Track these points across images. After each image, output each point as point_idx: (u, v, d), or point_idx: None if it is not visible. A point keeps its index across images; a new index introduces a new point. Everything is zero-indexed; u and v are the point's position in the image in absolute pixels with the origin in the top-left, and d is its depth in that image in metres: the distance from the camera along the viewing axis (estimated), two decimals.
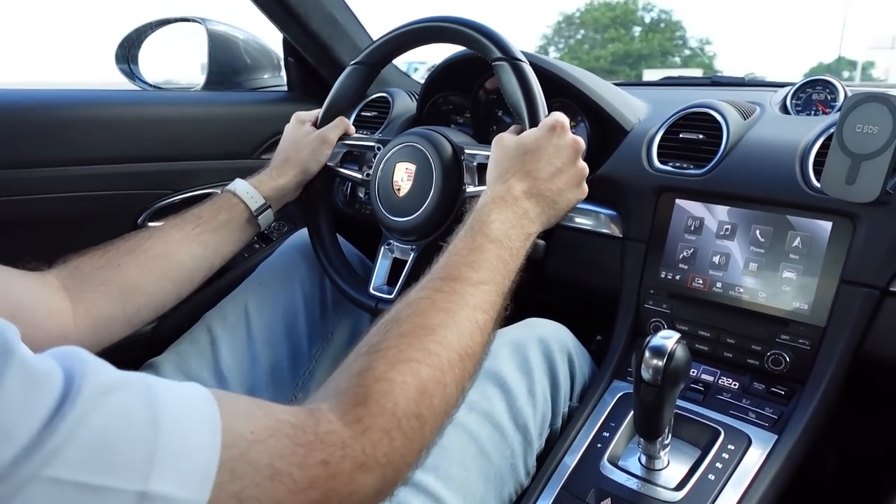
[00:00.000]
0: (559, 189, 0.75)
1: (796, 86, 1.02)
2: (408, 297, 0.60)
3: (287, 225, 1.39)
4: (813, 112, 0.99)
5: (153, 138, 1.20)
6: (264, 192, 0.92)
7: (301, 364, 1.01)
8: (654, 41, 31.99)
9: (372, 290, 0.94)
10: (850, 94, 0.96)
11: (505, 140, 0.77)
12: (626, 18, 32.85)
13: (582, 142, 0.77)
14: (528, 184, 0.73)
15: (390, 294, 0.92)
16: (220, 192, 0.92)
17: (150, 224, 1.21)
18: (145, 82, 1.43)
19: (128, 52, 1.41)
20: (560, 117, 0.77)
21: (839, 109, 0.93)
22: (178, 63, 1.55)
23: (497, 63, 0.82)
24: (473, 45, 0.85)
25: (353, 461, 0.44)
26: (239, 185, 0.92)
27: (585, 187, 0.79)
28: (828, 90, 0.99)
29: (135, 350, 1.15)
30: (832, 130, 0.79)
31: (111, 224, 1.17)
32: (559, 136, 0.76)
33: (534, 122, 0.78)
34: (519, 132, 0.79)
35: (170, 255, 0.82)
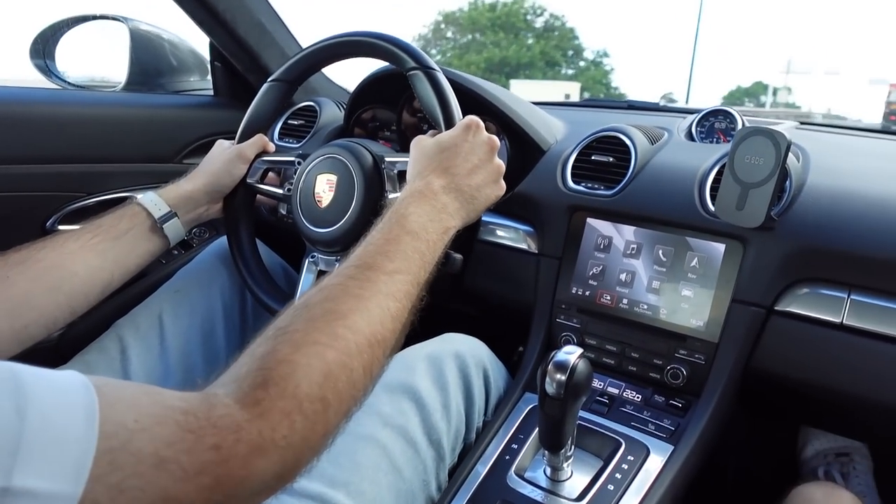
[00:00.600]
0: (477, 185, 0.77)
1: (701, 114, 1.09)
2: (321, 283, 0.60)
3: (209, 231, 1.36)
4: (714, 140, 1.05)
5: (66, 138, 1.16)
6: (169, 200, 0.90)
7: (217, 374, 0.99)
8: (536, 49, 28.80)
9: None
10: (746, 124, 1.03)
11: (423, 141, 0.80)
12: (508, 21, 29.35)
13: (497, 140, 0.80)
14: (446, 179, 0.75)
15: None
16: (137, 197, 0.90)
17: (61, 228, 1.16)
18: (62, 79, 1.38)
19: (43, 48, 1.35)
20: (475, 118, 0.80)
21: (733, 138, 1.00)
22: (99, 61, 1.50)
23: (411, 73, 0.84)
24: (388, 57, 0.87)
25: (248, 444, 0.43)
26: (144, 195, 0.89)
27: (503, 183, 0.82)
28: (728, 119, 1.06)
29: (37, 359, 1.10)
30: (726, 159, 0.84)
31: (18, 227, 1.12)
32: (475, 134, 0.79)
33: (450, 124, 0.81)
34: (436, 135, 0.81)
35: (63, 266, 0.77)
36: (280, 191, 1.00)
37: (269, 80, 0.97)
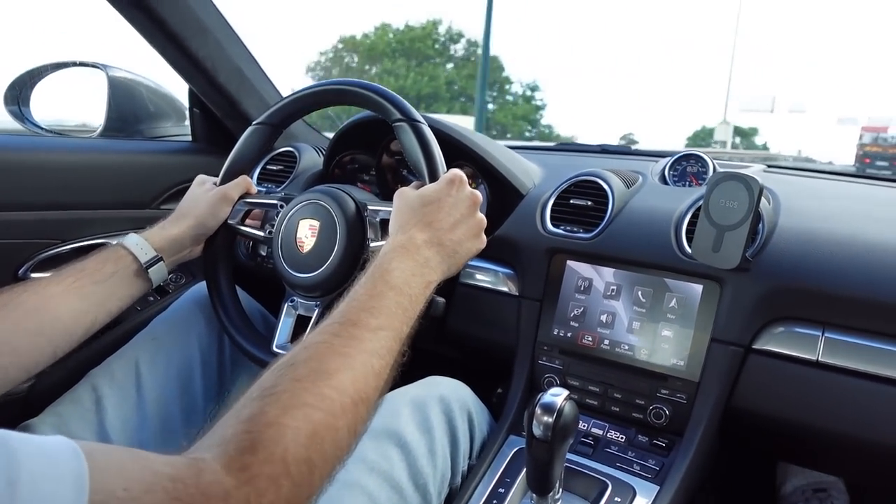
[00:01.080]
0: (459, 239, 0.78)
1: (673, 158, 1.13)
2: (305, 340, 0.59)
3: (185, 277, 1.35)
4: (687, 183, 1.09)
5: (41, 185, 1.14)
6: (155, 243, 0.90)
7: (195, 424, 0.97)
8: (441, 79, 25.01)
9: (275, 349, 0.93)
10: (717, 168, 1.07)
11: (406, 193, 0.81)
12: (413, 47, 25.84)
13: (479, 195, 0.82)
14: (428, 234, 0.76)
15: None
16: (112, 243, 0.89)
17: (33, 275, 1.14)
18: (37, 125, 1.37)
19: (19, 94, 1.34)
20: (458, 172, 0.81)
21: (708, 183, 1.03)
22: (76, 108, 1.50)
23: (397, 124, 0.86)
24: (374, 107, 0.89)
25: None
26: (128, 238, 0.89)
27: (484, 238, 0.83)
28: (699, 164, 1.09)
29: (7, 411, 1.07)
30: (701, 202, 0.87)
31: None
32: (458, 188, 0.80)
33: (434, 177, 0.82)
34: (420, 187, 0.82)
35: (46, 309, 0.77)
36: (261, 233, 1.00)
37: (254, 123, 0.98)
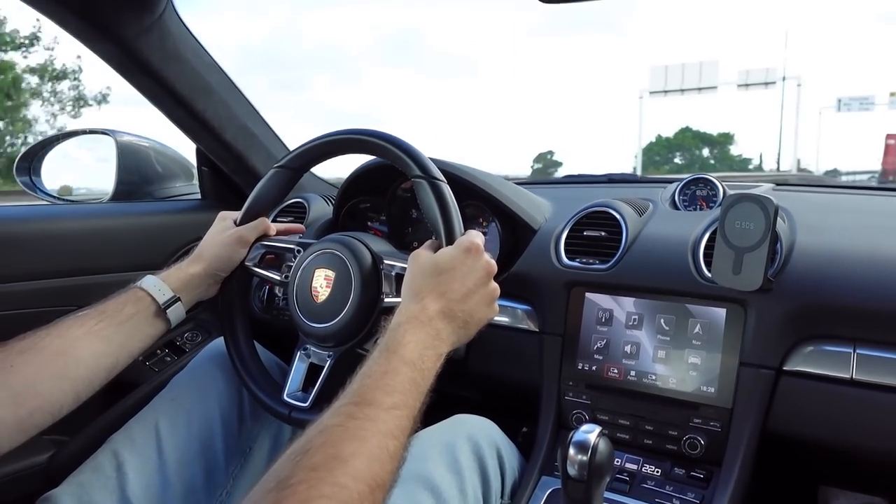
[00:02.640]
0: (471, 310, 0.77)
1: (682, 183, 1.13)
2: (320, 422, 0.59)
3: (201, 335, 1.34)
4: (697, 208, 1.09)
5: (55, 253, 1.15)
6: (172, 284, 0.90)
7: (218, 484, 0.95)
8: None
9: (286, 397, 0.92)
10: (727, 190, 1.07)
11: (421, 257, 0.79)
12: None
13: (494, 265, 0.80)
14: (441, 304, 0.75)
15: (305, 402, 0.90)
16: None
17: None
18: (49, 194, 1.39)
19: (30, 165, 1.37)
20: (475, 238, 0.80)
21: (720, 205, 1.03)
22: (86, 174, 1.52)
23: (416, 180, 0.85)
24: (393, 159, 0.88)
25: None
26: (146, 279, 0.89)
27: (496, 307, 0.82)
28: (709, 187, 1.09)
29: (28, 484, 1.05)
30: (716, 225, 0.87)
31: None
32: (474, 258, 0.78)
33: (450, 240, 0.81)
34: (435, 248, 0.81)
35: (69, 352, 0.77)
36: (278, 276, 0.99)
37: (275, 166, 0.99)
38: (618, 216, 1.00)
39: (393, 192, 1.22)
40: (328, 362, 0.91)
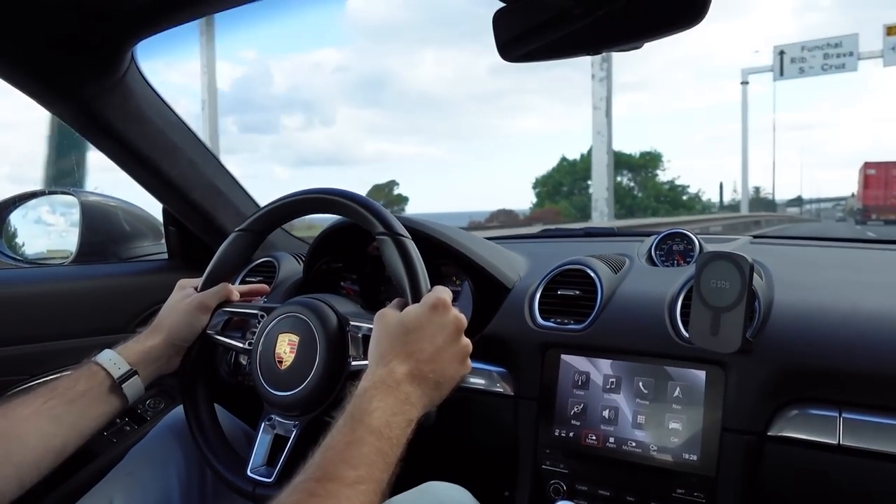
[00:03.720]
0: (441, 369, 0.73)
1: (659, 237, 1.11)
2: (277, 501, 0.55)
3: (164, 402, 1.28)
4: (674, 263, 1.07)
5: (6, 320, 1.10)
6: (129, 357, 0.86)
7: None
8: None
9: (249, 473, 0.86)
10: (703, 245, 1.05)
11: (387, 317, 0.76)
12: None
13: (464, 319, 0.77)
14: (409, 366, 0.71)
15: (269, 476, 0.85)
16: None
17: None
18: (10, 257, 1.35)
19: None
20: (442, 294, 0.77)
21: (696, 261, 1.01)
22: (49, 235, 1.48)
23: (381, 237, 0.83)
24: (357, 218, 0.86)
25: None
26: (102, 354, 0.85)
27: (469, 363, 0.78)
28: (685, 241, 1.07)
29: None
30: (692, 283, 0.84)
31: None
32: (441, 314, 0.75)
33: (416, 297, 0.78)
34: (402, 306, 0.78)
35: (13, 435, 0.72)
36: (241, 343, 0.95)
37: (236, 230, 0.96)
38: (592, 274, 0.97)
39: (364, 252, 1.19)
40: (294, 433, 0.86)
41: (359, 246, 1.19)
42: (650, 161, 40.37)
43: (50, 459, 0.76)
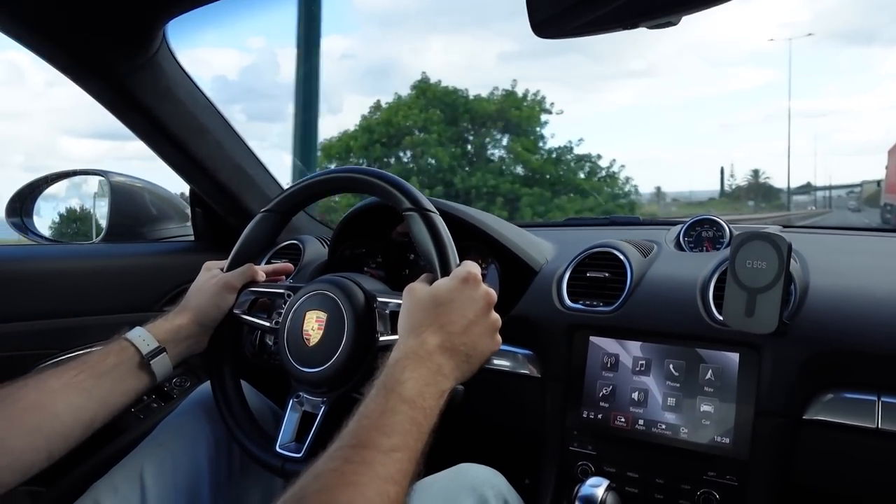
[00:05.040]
0: (473, 342, 0.73)
1: (687, 224, 1.09)
2: (315, 467, 0.55)
3: (190, 380, 1.29)
4: (703, 249, 1.05)
5: (40, 294, 1.12)
6: (158, 335, 0.86)
7: None
8: None
9: (278, 449, 0.87)
10: (734, 231, 1.03)
11: (417, 291, 0.75)
12: None
13: (494, 294, 0.76)
14: (441, 337, 0.71)
15: (298, 452, 0.85)
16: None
17: None
18: (40, 236, 1.36)
19: (20, 206, 1.34)
20: (472, 268, 0.77)
21: (727, 246, 0.99)
22: (79, 215, 1.50)
23: (408, 213, 0.83)
24: (384, 195, 0.86)
25: None
26: (133, 331, 0.86)
27: (499, 338, 0.77)
28: (715, 228, 1.06)
29: None
30: (726, 265, 0.83)
31: None
32: (472, 287, 0.75)
33: (445, 271, 0.78)
34: (430, 281, 0.77)
35: (45, 405, 0.73)
36: (267, 323, 0.95)
37: (262, 210, 0.96)
38: (622, 256, 0.96)
39: (388, 236, 1.19)
40: (322, 409, 0.86)
41: (383, 230, 1.19)
42: (527, 114, 15.75)
43: (79, 432, 0.77)
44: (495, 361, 0.99)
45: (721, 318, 0.81)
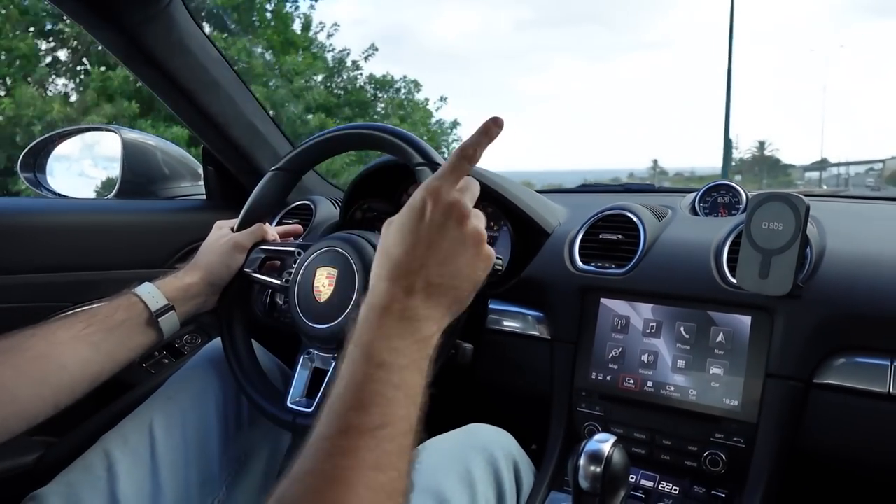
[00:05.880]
0: (455, 270, 0.60)
1: (703, 190, 1.08)
2: (295, 470, 0.49)
3: (201, 338, 1.30)
4: (717, 215, 1.04)
5: (53, 247, 1.12)
6: (167, 292, 0.87)
7: (211, 490, 0.91)
8: None
9: (289, 404, 0.87)
10: (750, 197, 1.02)
11: (386, 229, 0.64)
12: None
13: (462, 202, 0.62)
14: (408, 278, 0.59)
15: (309, 407, 0.85)
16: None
17: None
18: (52, 191, 1.37)
19: (34, 161, 1.35)
20: (432, 186, 0.62)
21: (743, 211, 0.98)
22: (91, 171, 1.50)
23: (419, 168, 0.82)
24: (395, 151, 0.85)
25: None
26: (142, 286, 0.86)
27: (488, 251, 0.62)
28: (731, 194, 1.05)
29: (11, 486, 1.01)
30: (741, 229, 0.82)
31: None
32: (433, 201, 0.60)
33: None
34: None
35: (52, 356, 0.73)
36: (278, 281, 0.95)
37: (272, 169, 0.96)
38: (635, 219, 0.95)
39: (400, 196, 1.18)
40: (332, 365, 0.87)
41: (395, 191, 1.18)
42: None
43: (86, 384, 0.77)
44: (505, 323, 0.99)
45: (734, 281, 0.80)
